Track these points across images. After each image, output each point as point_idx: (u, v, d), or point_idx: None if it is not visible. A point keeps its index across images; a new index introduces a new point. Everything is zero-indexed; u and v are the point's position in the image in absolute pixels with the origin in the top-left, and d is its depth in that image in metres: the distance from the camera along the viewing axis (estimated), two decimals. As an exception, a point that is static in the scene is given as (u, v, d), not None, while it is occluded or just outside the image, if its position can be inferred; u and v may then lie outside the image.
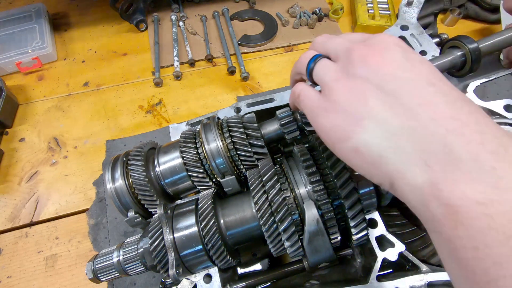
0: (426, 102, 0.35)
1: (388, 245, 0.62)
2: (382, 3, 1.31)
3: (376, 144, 0.36)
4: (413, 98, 0.35)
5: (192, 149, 0.60)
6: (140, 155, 0.61)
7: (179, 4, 1.35)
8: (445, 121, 0.33)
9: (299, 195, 0.56)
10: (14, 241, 0.88)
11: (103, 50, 1.25)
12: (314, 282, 0.69)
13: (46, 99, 1.13)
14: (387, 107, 0.36)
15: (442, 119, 0.33)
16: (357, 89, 0.39)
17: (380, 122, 0.36)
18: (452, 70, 0.63)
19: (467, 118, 0.33)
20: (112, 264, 0.57)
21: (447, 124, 0.33)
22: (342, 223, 0.56)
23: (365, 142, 0.37)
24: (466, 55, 0.60)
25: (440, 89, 0.36)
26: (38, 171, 0.99)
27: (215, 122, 0.62)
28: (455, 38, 0.62)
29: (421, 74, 0.37)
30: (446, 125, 0.33)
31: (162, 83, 1.15)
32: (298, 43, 1.27)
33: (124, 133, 1.05)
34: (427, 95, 0.35)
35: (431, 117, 0.34)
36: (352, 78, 0.39)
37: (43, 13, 1.25)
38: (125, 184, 0.59)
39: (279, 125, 0.61)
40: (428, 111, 0.34)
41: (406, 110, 0.35)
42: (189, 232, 0.55)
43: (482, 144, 0.31)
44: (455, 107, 0.34)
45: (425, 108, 0.34)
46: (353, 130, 0.38)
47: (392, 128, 0.36)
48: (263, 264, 0.70)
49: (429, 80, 0.36)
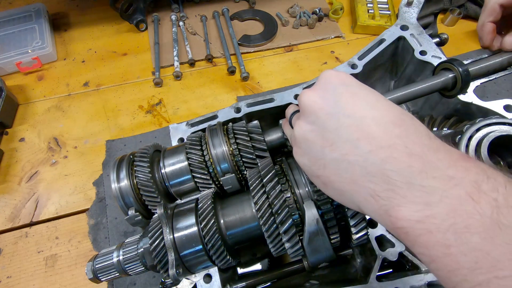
0: (364, 135, 0.38)
1: (388, 245, 0.62)
2: (382, 3, 1.31)
3: (336, 181, 0.41)
4: (352, 134, 0.39)
5: (198, 151, 0.61)
6: (146, 156, 0.62)
7: (179, 4, 1.35)
8: (379, 151, 0.36)
9: (299, 195, 0.56)
10: (14, 241, 0.88)
11: (103, 50, 1.25)
12: (314, 282, 0.69)
13: (46, 99, 1.13)
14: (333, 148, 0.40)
15: (377, 149, 0.37)
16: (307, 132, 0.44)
17: (331, 161, 0.41)
18: (443, 90, 0.67)
19: (397, 141, 0.36)
20: (112, 264, 0.57)
21: (381, 153, 0.36)
22: (342, 222, 0.56)
23: (328, 180, 0.42)
24: (457, 77, 0.64)
25: (373, 116, 0.39)
26: (38, 171, 0.99)
27: (221, 128, 0.64)
28: (447, 60, 0.67)
29: (357, 106, 0.40)
30: (380, 155, 0.36)
31: (162, 83, 1.15)
32: (298, 43, 1.27)
33: (124, 133, 1.05)
34: (364, 128, 0.38)
35: (368, 149, 0.37)
36: (304, 123, 0.45)
37: (43, 13, 1.25)
38: (130, 184, 0.59)
39: (282, 132, 0.64)
40: (366, 144, 0.37)
41: (349, 146, 0.39)
42: (189, 232, 0.55)
43: (410, 166, 0.35)
44: (387, 133, 0.37)
45: (363, 142, 0.38)
46: (318, 170, 0.43)
47: (340, 165, 0.40)
48: (263, 264, 0.70)
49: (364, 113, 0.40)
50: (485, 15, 0.65)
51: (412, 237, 0.34)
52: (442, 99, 0.76)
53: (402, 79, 0.87)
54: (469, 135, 0.56)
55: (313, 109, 0.43)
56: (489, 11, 0.64)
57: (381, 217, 0.37)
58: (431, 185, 0.33)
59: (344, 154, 0.39)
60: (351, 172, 0.39)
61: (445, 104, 0.78)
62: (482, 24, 0.66)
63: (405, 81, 0.86)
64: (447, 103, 0.77)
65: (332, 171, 0.41)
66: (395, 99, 0.64)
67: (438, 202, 0.32)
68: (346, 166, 0.39)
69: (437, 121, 0.75)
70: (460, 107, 0.73)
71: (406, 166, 0.35)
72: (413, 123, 0.39)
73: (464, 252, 0.30)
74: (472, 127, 0.57)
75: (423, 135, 0.37)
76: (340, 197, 0.43)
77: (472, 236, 0.30)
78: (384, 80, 0.91)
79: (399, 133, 0.37)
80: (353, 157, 0.38)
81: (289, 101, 0.73)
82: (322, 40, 1.28)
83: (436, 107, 0.82)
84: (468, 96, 0.69)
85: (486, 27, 0.66)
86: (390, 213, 0.35)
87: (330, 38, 1.29)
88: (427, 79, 0.66)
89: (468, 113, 0.71)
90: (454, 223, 0.31)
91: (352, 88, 0.42)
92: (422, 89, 0.65)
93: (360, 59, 0.78)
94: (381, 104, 0.40)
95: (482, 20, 0.66)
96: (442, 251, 0.31)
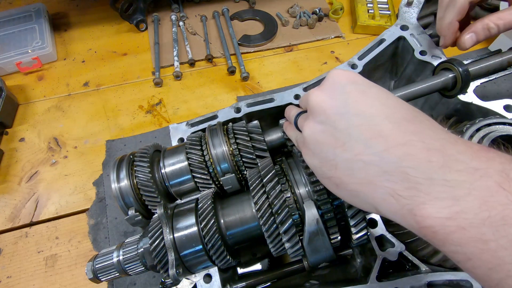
0: (376, 134, 0.37)
1: (388, 245, 0.62)
2: (382, 3, 1.31)
3: (349, 182, 0.40)
4: (363, 133, 0.38)
5: (198, 151, 0.61)
6: (146, 156, 0.62)
7: (179, 4, 1.35)
8: (395, 149, 0.35)
9: (299, 195, 0.56)
10: (14, 241, 0.88)
11: (103, 50, 1.25)
12: (314, 282, 0.69)
13: (46, 99, 1.13)
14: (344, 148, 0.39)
15: (392, 147, 0.36)
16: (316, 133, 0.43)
17: (343, 161, 0.40)
18: (443, 90, 0.67)
19: (413, 137, 0.35)
20: (112, 264, 0.57)
21: (397, 151, 0.35)
22: (342, 222, 0.56)
23: (340, 181, 0.41)
24: (457, 77, 0.64)
25: (385, 114, 0.38)
26: (38, 171, 0.99)
27: (221, 128, 0.64)
28: (447, 60, 0.67)
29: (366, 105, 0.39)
30: (396, 152, 0.35)
31: (162, 83, 1.15)
32: (298, 43, 1.27)
33: (124, 133, 1.05)
34: (375, 127, 0.38)
35: (383, 148, 0.36)
36: (313, 123, 0.44)
37: (43, 13, 1.25)
38: (130, 184, 0.59)
39: (282, 132, 0.64)
40: (379, 143, 0.36)
41: (361, 146, 0.38)
42: (189, 232, 0.55)
43: (429, 161, 0.33)
44: (401, 130, 0.36)
45: (376, 140, 0.37)
46: (329, 171, 0.42)
47: (354, 165, 0.38)
48: (263, 264, 0.70)
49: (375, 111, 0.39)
50: (454, 13, 0.61)
51: (442, 236, 0.31)
52: (442, 99, 0.76)
53: (402, 79, 0.87)
54: (469, 135, 0.56)
55: (322, 108, 0.42)
56: (459, 8, 0.60)
57: (404, 217, 0.35)
58: (456, 179, 0.31)
59: (356, 154, 0.38)
60: (365, 172, 0.37)
61: (445, 104, 0.78)
62: (449, 23, 0.63)
63: (405, 81, 0.86)
64: (447, 103, 0.77)
65: (345, 171, 0.40)
66: (395, 99, 0.64)
67: (467, 195, 0.30)
68: (360, 166, 0.38)
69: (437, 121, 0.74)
70: (460, 107, 0.73)
71: (426, 161, 0.33)
72: (427, 118, 0.38)
73: (504, 246, 0.28)
74: (472, 127, 0.57)
75: (438, 130, 0.36)
76: (354, 198, 0.41)
77: (511, 227, 0.28)
78: (384, 80, 0.91)
79: (413, 129, 0.36)
80: (366, 157, 0.37)
81: (289, 101, 0.73)
82: (322, 40, 1.28)
83: (436, 107, 0.82)
84: (468, 96, 0.69)
85: (454, 26, 0.63)
86: (415, 212, 0.33)
87: (330, 38, 1.29)
88: (427, 79, 0.66)
89: (468, 113, 0.71)
90: (489, 216, 0.29)
91: (360, 86, 0.42)
92: (422, 89, 0.65)
93: (360, 59, 0.78)
94: (392, 101, 0.40)
95: (450, 18, 0.62)
96: (480, 247, 0.29)
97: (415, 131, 0.36)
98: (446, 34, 0.65)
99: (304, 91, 0.75)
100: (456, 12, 0.61)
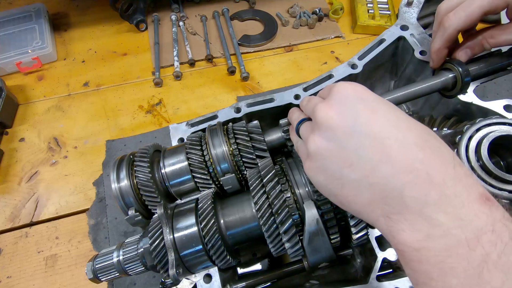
0: (385, 158, 0.38)
1: (388, 245, 0.62)
2: (382, 3, 1.31)
3: (352, 202, 0.41)
4: (373, 156, 0.38)
5: (198, 151, 0.62)
6: (146, 156, 0.62)
7: (179, 4, 1.35)
8: (401, 175, 0.37)
9: (299, 195, 0.56)
10: (14, 241, 0.88)
11: (103, 50, 1.25)
12: (314, 282, 0.69)
13: (46, 99, 1.13)
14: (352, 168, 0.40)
15: (399, 173, 0.37)
16: (322, 150, 0.43)
17: (350, 182, 0.40)
18: (443, 90, 0.67)
19: (419, 166, 0.36)
20: (112, 264, 0.57)
21: (403, 178, 0.36)
22: (342, 222, 0.56)
23: (346, 200, 0.42)
24: (457, 77, 0.64)
25: (396, 137, 0.38)
26: (38, 171, 0.99)
27: (221, 128, 0.64)
28: (447, 60, 0.67)
29: (377, 125, 0.39)
30: (402, 179, 0.36)
31: (162, 83, 1.15)
32: (298, 43, 1.27)
33: (124, 133, 1.05)
34: (385, 150, 0.38)
35: (391, 172, 0.37)
36: (319, 138, 0.44)
37: (43, 13, 1.25)
38: (130, 184, 0.59)
39: (282, 132, 0.64)
40: (388, 167, 0.37)
41: (369, 167, 0.38)
42: (189, 232, 0.55)
43: (427, 195, 0.35)
44: (409, 156, 0.37)
45: (385, 165, 0.37)
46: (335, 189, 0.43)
47: (360, 185, 0.39)
48: (263, 264, 0.70)
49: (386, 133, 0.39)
50: (442, 41, 0.63)
51: (405, 260, 0.37)
52: (442, 99, 0.76)
53: (402, 79, 0.87)
54: (469, 135, 0.56)
55: (330, 126, 0.42)
56: (448, 37, 0.61)
57: (386, 235, 0.39)
58: (439, 220, 0.34)
59: (364, 176, 0.39)
60: (370, 194, 0.39)
61: (445, 104, 0.78)
62: (438, 49, 0.64)
63: (405, 81, 0.86)
64: (447, 103, 0.77)
65: (351, 191, 0.41)
66: (395, 99, 0.64)
67: (438, 237, 0.34)
68: (366, 187, 0.39)
69: (437, 121, 0.75)
70: (460, 107, 0.73)
71: (424, 194, 0.35)
72: (438, 145, 0.38)
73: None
74: (472, 127, 0.57)
75: (447, 160, 0.37)
76: (356, 214, 0.43)
77: (452, 279, 0.33)
78: (384, 80, 0.91)
79: (422, 157, 0.37)
80: (373, 179, 0.38)
81: (289, 101, 0.73)
82: (322, 40, 1.28)
83: (436, 107, 0.82)
84: (468, 96, 0.69)
85: (442, 53, 0.65)
86: (394, 234, 0.37)
87: (330, 38, 1.29)
88: (427, 79, 0.66)
89: (468, 113, 0.71)
90: (443, 261, 0.33)
91: (370, 103, 0.41)
92: (422, 89, 0.65)
93: (360, 59, 0.78)
94: (403, 122, 0.40)
95: (438, 44, 0.64)
96: (425, 281, 0.35)
97: (423, 159, 0.37)
98: (434, 58, 0.67)
99: (304, 91, 0.75)
100: (445, 41, 0.63)
